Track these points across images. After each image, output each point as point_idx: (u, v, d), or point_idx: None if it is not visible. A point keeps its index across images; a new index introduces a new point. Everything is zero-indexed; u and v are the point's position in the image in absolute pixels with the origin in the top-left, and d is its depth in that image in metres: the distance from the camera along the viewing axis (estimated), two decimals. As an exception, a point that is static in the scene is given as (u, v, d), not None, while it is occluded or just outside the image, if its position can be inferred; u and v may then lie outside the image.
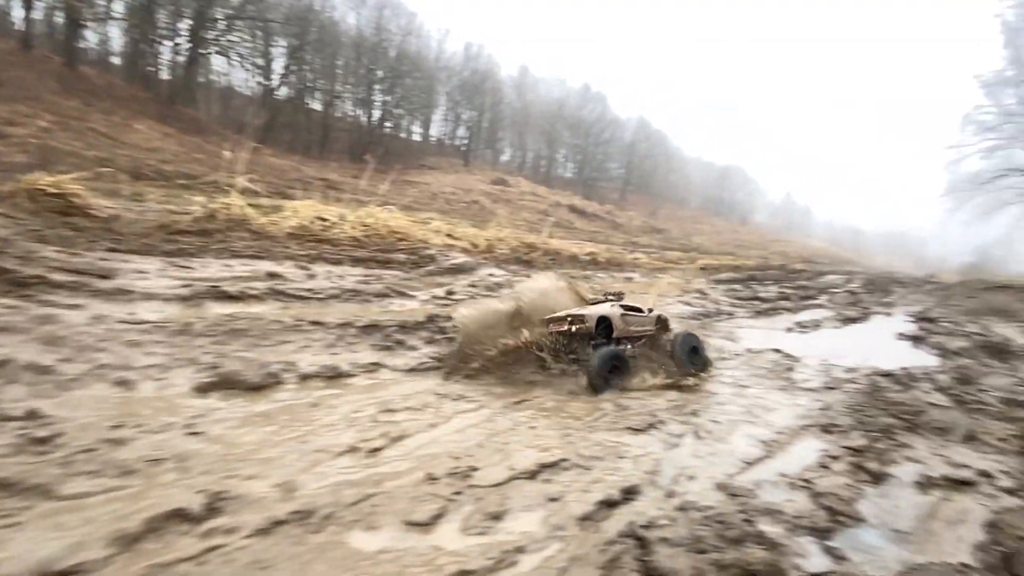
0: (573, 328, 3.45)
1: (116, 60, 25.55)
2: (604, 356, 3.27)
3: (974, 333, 6.58)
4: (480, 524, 1.71)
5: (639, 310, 3.81)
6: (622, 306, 3.71)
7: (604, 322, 3.49)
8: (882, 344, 5.67)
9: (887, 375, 3.76)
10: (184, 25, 24.07)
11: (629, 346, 3.62)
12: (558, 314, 3.58)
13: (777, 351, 4.50)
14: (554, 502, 1.88)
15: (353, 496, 1.76)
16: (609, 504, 1.88)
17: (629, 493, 1.97)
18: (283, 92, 30.71)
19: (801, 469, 2.41)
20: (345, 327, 3.73)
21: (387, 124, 43.30)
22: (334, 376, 3.03)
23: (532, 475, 2.06)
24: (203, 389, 2.57)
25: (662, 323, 3.92)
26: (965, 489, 2.37)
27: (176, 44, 24.17)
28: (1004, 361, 5.31)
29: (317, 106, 34.43)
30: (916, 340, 5.99)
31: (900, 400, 3.23)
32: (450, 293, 5.40)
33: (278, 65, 29.53)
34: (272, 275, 4.64)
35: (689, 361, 3.71)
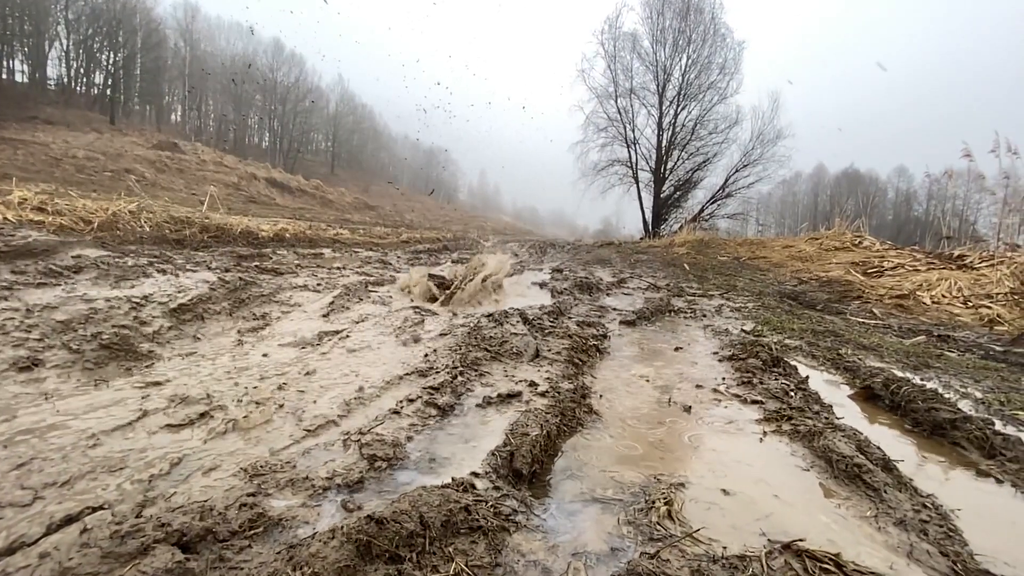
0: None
1: None
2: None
3: (580, 277, 8.55)
4: None
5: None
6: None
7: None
8: (517, 291, 6.66)
9: (489, 316, 4.27)
10: None
11: None
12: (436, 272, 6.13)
13: (414, 308, 4.62)
14: None
15: None
16: None
17: (66, 523, 1.38)
18: None
19: (369, 421, 2.31)
20: None
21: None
22: None
23: None
24: None
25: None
26: (512, 400, 2.72)
27: None
28: (591, 295, 7.01)
29: None
30: (542, 286, 7.32)
31: (492, 335, 3.63)
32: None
33: None
34: None
35: None
